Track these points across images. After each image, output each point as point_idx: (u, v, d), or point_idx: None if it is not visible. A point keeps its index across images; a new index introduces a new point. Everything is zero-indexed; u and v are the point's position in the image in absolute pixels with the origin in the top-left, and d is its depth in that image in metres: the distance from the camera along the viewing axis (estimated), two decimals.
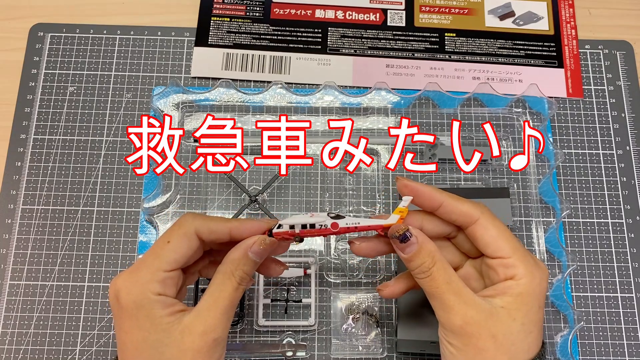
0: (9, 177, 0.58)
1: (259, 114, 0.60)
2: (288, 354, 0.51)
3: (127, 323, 0.39)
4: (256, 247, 0.41)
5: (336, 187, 0.57)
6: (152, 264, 0.40)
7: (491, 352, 0.39)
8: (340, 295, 0.54)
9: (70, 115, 0.60)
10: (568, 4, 0.66)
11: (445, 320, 0.40)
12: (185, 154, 0.58)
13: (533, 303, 0.40)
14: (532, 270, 0.41)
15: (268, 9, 0.65)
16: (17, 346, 0.53)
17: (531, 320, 0.40)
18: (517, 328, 0.40)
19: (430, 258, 0.41)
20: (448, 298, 0.40)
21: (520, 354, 0.40)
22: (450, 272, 0.41)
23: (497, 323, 0.39)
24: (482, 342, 0.39)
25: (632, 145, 0.60)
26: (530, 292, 0.40)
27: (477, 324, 0.39)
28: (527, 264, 0.41)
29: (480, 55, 0.63)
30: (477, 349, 0.39)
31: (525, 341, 0.40)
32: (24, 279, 0.55)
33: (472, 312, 0.39)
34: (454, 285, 0.40)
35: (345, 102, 0.60)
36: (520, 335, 0.40)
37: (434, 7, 0.66)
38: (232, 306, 0.41)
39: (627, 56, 0.64)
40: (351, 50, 0.63)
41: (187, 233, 0.41)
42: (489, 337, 0.39)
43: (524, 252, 0.42)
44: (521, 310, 0.40)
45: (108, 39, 0.63)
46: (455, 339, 0.40)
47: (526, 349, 0.40)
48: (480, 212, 0.42)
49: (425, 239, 0.41)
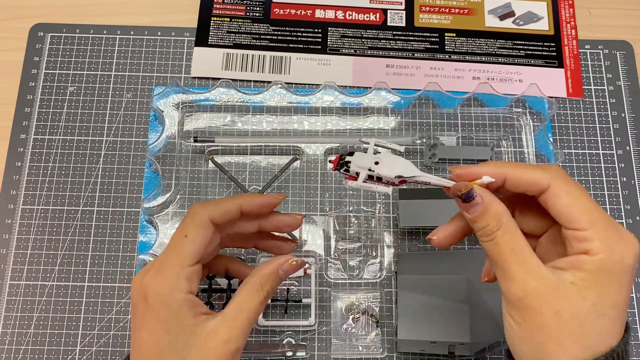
0: (9, 177, 0.58)
1: (259, 114, 0.60)
2: (288, 354, 0.51)
3: (152, 323, 0.39)
4: (287, 266, 0.43)
5: (336, 187, 0.57)
6: (176, 261, 0.40)
7: (554, 331, 0.35)
8: (340, 295, 0.54)
9: (70, 115, 0.60)
10: (568, 4, 0.66)
11: (506, 290, 0.37)
12: (185, 154, 0.58)
13: (611, 282, 0.36)
14: (612, 245, 0.36)
15: (268, 9, 0.65)
16: (17, 346, 0.53)
17: (606, 301, 0.35)
18: (587, 309, 0.35)
19: (496, 221, 0.37)
20: (510, 266, 0.36)
21: (591, 339, 0.35)
22: (518, 238, 0.37)
23: (562, 299, 0.35)
24: (543, 318, 0.35)
25: (632, 145, 0.60)
26: (607, 269, 0.36)
27: (538, 297, 0.35)
28: (607, 238, 0.36)
29: (480, 55, 0.63)
30: (538, 325, 0.36)
31: (596, 324, 0.35)
32: (24, 279, 0.55)
33: (535, 284, 0.36)
34: (518, 252, 0.37)
35: (345, 102, 0.60)
36: (590, 317, 0.35)
37: (434, 7, 0.66)
38: (255, 318, 0.41)
39: (627, 56, 0.64)
40: (351, 50, 0.63)
41: (202, 222, 0.42)
42: (551, 313, 0.35)
43: (606, 224, 0.36)
44: (594, 289, 0.35)
45: (108, 39, 0.63)
46: (515, 311, 0.37)
47: (598, 333, 0.35)
48: (550, 179, 0.37)
49: (492, 199, 0.38)
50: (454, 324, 0.49)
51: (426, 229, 0.56)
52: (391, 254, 0.55)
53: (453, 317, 0.49)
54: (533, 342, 0.36)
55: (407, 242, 0.56)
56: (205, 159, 0.58)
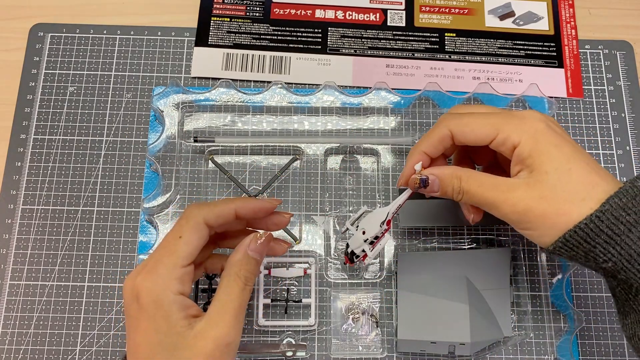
0: (9, 177, 0.58)
1: (259, 114, 0.60)
2: (288, 354, 0.51)
3: (144, 324, 0.39)
4: (253, 244, 0.42)
5: (336, 187, 0.57)
6: (169, 262, 0.40)
7: (553, 212, 0.40)
8: (340, 295, 0.54)
9: (70, 115, 0.60)
10: (568, 4, 0.66)
11: (502, 216, 0.42)
12: (185, 154, 0.58)
13: (548, 148, 0.41)
14: (520, 127, 0.42)
15: (268, 9, 0.65)
16: (17, 346, 0.53)
17: (559, 160, 0.40)
18: (555, 176, 0.40)
19: (455, 179, 0.44)
20: (488, 197, 0.42)
21: (582, 191, 0.39)
22: (478, 176, 0.43)
23: (536, 187, 0.40)
24: (539, 211, 0.40)
25: (632, 145, 0.60)
26: (534, 143, 0.41)
27: (523, 201, 0.40)
28: (513, 125, 0.42)
29: (480, 55, 0.63)
30: (541, 218, 0.40)
31: (571, 178, 0.40)
32: (24, 279, 0.55)
33: (513, 195, 0.41)
34: (486, 184, 0.42)
35: (345, 102, 0.60)
36: (563, 178, 0.40)
37: (434, 7, 0.66)
38: (242, 308, 0.41)
39: (627, 56, 0.64)
40: (351, 50, 0.63)
41: (196, 224, 0.42)
42: (540, 202, 0.40)
43: (505, 118, 0.43)
44: (543, 162, 0.41)
45: (108, 39, 0.63)
46: (520, 224, 0.41)
47: (585, 182, 0.40)
48: (448, 127, 0.45)
49: (440, 170, 0.45)
50: (454, 324, 0.49)
51: (426, 229, 0.56)
52: (391, 254, 0.55)
53: (453, 317, 0.49)
54: (545, 226, 0.40)
55: (407, 242, 0.56)
56: (205, 159, 0.58)
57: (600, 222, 0.38)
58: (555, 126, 0.43)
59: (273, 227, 0.48)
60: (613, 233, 0.39)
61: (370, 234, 0.49)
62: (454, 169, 0.44)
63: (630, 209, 0.38)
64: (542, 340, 0.53)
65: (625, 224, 0.38)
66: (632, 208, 0.38)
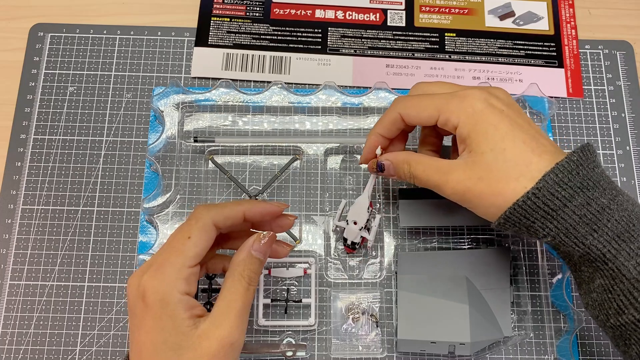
0: (9, 177, 0.58)
1: (259, 114, 0.60)
2: (288, 354, 0.51)
3: (149, 323, 0.39)
4: (257, 244, 0.42)
5: (336, 187, 0.57)
6: (177, 261, 0.40)
7: (489, 192, 0.41)
8: (340, 295, 0.54)
9: (70, 115, 0.60)
10: (568, 4, 0.66)
11: (446, 196, 0.44)
12: (185, 154, 0.58)
13: (485, 128, 0.42)
14: (459, 107, 0.43)
15: (268, 9, 0.65)
16: (17, 346, 0.53)
17: (495, 140, 0.41)
18: (491, 156, 0.41)
19: (405, 164, 0.46)
20: (432, 180, 0.44)
21: (515, 171, 0.41)
22: (423, 161, 0.45)
23: (474, 168, 0.42)
24: (477, 192, 0.42)
25: (632, 145, 0.60)
26: (473, 123, 0.42)
27: (462, 183, 0.42)
28: (452, 106, 0.43)
29: (480, 55, 0.63)
30: (479, 198, 0.42)
31: (505, 158, 0.41)
32: (24, 279, 0.55)
33: (453, 177, 0.43)
34: (430, 168, 0.45)
35: (345, 102, 0.60)
36: (498, 158, 0.41)
37: (434, 7, 0.66)
38: (246, 308, 0.41)
39: (627, 56, 0.64)
40: (351, 50, 0.63)
41: (205, 225, 0.42)
42: (477, 183, 0.42)
43: (446, 99, 0.44)
44: (480, 142, 0.42)
45: (108, 39, 0.63)
46: (463, 203, 0.43)
47: (519, 161, 0.41)
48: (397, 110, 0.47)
49: (394, 156, 0.48)
50: (454, 324, 0.49)
51: (426, 229, 0.56)
52: (391, 254, 0.55)
53: (453, 317, 0.49)
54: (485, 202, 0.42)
55: (407, 242, 0.56)
56: (205, 159, 0.58)
57: (536, 198, 0.40)
58: (498, 102, 0.43)
59: (277, 229, 0.48)
60: (549, 209, 0.40)
61: (362, 222, 0.52)
62: (406, 155, 0.47)
63: (565, 183, 0.40)
64: (542, 340, 0.53)
65: (561, 199, 0.40)
66: (568, 183, 0.40)
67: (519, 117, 0.43)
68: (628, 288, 0.39)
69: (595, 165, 0.41)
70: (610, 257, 0.40)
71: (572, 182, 0.40)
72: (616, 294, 0.40)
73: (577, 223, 0.40)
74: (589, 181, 0.40)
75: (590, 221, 0.40)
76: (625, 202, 0.41)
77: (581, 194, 0.40)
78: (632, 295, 0.39)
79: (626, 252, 0.39)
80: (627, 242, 0.39)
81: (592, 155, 0.41)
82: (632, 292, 0.39)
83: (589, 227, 0.40)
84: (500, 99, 0.44)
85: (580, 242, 0.40)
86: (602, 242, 0.40)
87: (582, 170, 0.40)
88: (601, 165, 0.42)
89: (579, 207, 0.40)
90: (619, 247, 0.39)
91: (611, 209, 0.40)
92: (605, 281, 0.40)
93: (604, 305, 0.41)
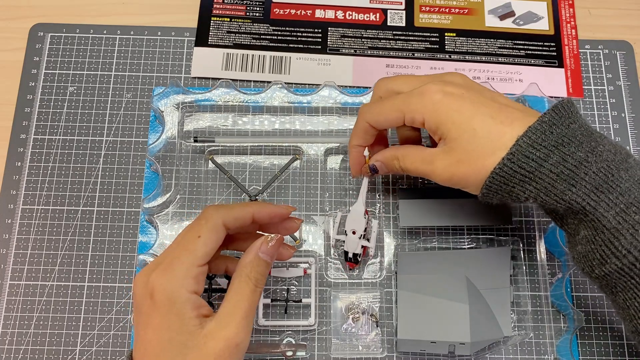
0: (9, 177, 0.58)
1: (259, 114, 0.60)
2: (288, 354, 0.51)
3: (157, 321, 0.39)
4: (264, 246, 0.43)
5: (336, 187, 0.57)
6: (186, 260, 0.41)
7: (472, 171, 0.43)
8: (340, 295, 0.54)
9: (70, 115, 0.60)
10: (568, 4, 0.66)
11: (438, 182, 0.45)
12: (185, 154, 0.58)
13: (449, 116, 0.43)
14: (420, 104, 0.44)
15: (268, 9, 0.65)
16: (17, 346, 0.53)
17: (462, 123, 0.42)
18: (464, 139, 0.42)
19: (395, 160, 0.48)
20: (421, 171, 0.46)
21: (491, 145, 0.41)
22: (410, 153, 0.47)
23: (452, 153, 0.43)
24: (461, 174, 0.43)
25: (632, 145, 0.60)
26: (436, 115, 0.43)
27: (447, 169, 0.44)
28: (414, 105, 0.44)
29: (480, 55, 0.63)
30: (464, 179, 0.43)
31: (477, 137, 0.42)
32: (24, 279, 0.55)
33: (437, 165, 0.44)
34: (417, 160, 0.46)
35: (345, 102, 0.60)
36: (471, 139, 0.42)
37: (434, 7, 0.66)
38: (252, 309, 0.41)
39: (627, 56, 0.64)
40: (351, 50, 0.63)
41: (215, 225, 0.43)
42: (459, 166, 0.43)
43: (407, 99, 0.45)
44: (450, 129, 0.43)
45: (108, 39, 0.63)
46: (453, 186, 0.45)
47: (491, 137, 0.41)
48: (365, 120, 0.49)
49: (382, 155, 0.50)
50: (454, 323, 0.49)
51: (426, 229, 0.56)
52: (391, 254, 0.55)
53: (453, 317, 0.49)
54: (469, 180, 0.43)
55: (407, 242, 0.56)
56: (205, 159, 0.58)
57: (512, 163, 0.41)
58: (455, 88, 0.44)
59: (284, 232, 0.48)
60: (526, 171, 0.41)
61: (361, 229, 0.52)
62: (393, 151, 0.49)
63: (539, 144, 0.40)
64: (542, 340, 0.53)
65: (536, 159, 0.40)
66: (542, 143, 0.40)
67: (481, 95, 0.44)
68: (609, 238, 0.40)
69: (571, 121, 0.41)
70: (590, 209, 0.40)
71: (546, 141, 0.40)
72: (598, 244, 0.40)
73: (554, 181, 0.40)
74: (564, 138, 0.41)
75: (567, 177, 0.40)
76: (605, 151, 0.41)
77: (556, 151, 0.40)
78: (613, 244, 0.39)
79: (605, 203, 0.40)
80: (605, 193, 0.40)
81: (568, 112, 0.42)
82: (613, 242, 0.39)
83: (567, 183, 0.40)
84: (457, 84, 0.45)
85: (560, 199, 0.41)
86: (581, 195, 0.40)
87: (556, 128, 0.41)
88: (579, 118, 0.42)
89: (555, 165, 0.40)
90: (598, 199, 0.40)
91: (589, 161, 0.40)
92: (588, 232, 0.41)
93: (588, 257, 0.41)
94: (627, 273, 0.40)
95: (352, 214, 0.53)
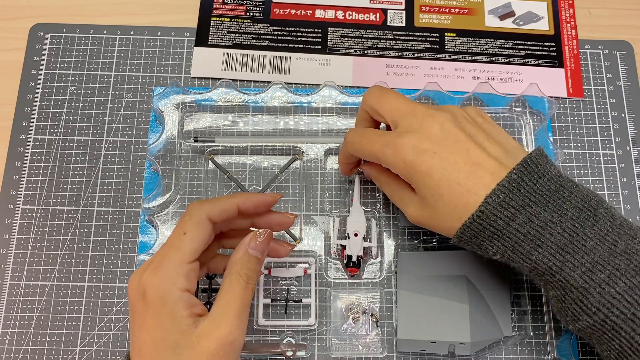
0: (9, 177, 0.58)
1: (259, 114, 0.60)
2: (288, 354, 0.51)
3: (150, 321, 0.39)
4: (253, 242, 0.43)
5: (336, 187, 0.57)
6: (175, 258, 0.41)
7: (439, 227, 0.44)
8: (340, 295, 0.54)
9: (70, 115, 0.60)
10: (568, 4, 0.66)
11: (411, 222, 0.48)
12: (185, 154, 0.58)
13: (420, 177, 0.43)
14: (393, 159, 0.44)
15: (268, 9, 0.65)
16: (17, 346, 0.53)
17: (431, 187, 0.43)
18: (432, 201, 0.43)
19: (377, 181, 0.51)
20: (397, 205, 0.49)
21: (456, 212, 0.42)
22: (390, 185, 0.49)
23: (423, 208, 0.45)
24: (430, 225, 0.45)
25: (632, 145, 0.60)
26: (408, 174, 0.44)
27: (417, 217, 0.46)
28: (387, 157, 0.45)
29: (480, 55, 0.63)
30: (435, 228, 0.45)
31: (444, 203, 0.43)
32: (24, 279, 0.55)
33: (410, 210, 0.46)
34: (395, 195, 0.49)
35: (345, 102, 0.60)
36: (438, 203, 0.43)
37: (434, 7, 0.66)
38: (245, 307, 0.41)
39: (627, 56, 0.64)
40: (351, 50, 0.63)
41: (200, 220, 0.42)
42: (429, 220, 0.45)
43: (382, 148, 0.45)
44: (420, 189, 0.44)
45: (108, 39, 0.63)
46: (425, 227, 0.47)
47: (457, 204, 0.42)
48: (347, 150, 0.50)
49: (366, 172, 0.53)
50: (454, 323, 0.49)
51: (426, 229, 0.56)
52: (391, 254, 0.55)
53: (453, 317, 0.49)
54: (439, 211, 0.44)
55: (407, 242, 0.56)
56: (205, 159, 0.58)
57: (481, 220, 0.42)
58: (429, 143, 0.43)
59: (277, 228, 0.48)
60: (494, 229, 0.41)
61: (363, 230, 0.53)
62: (376, 174, 0.51)
63: (507, 203, 0.41)
64: (542, 340, 0.53)
65: (504, 219, 0.41)
66: (510, 202, 0.41)
67: (453, 150, 0.43)
68: (578, 297, 0.41)
69: (540, 175, 0.42)
70: (556, 269, 0.41)
71: (514, 201, 0.41)
72: (568, 302, 0.41)
73: (522, 240, 0.41)
74: (532, 196, 0.41)
75: (534, 237, 0.41)
76: (571, 209, 0.41)
77: (523, 212, 0.41)
78: (583, 302, 0.40)
79: (571, 263, 0.41)
80: (571, 254, 0.41)
81: (537, 165, 0.42)
82: (582, 300, 0.40)
83: (533, 243, 0.41)
84: (432, 138, 0.44)
85: (527, 258, 0.42)
86: (546, 256, 0.41)
87: (525, 185, 0.41)
88: (549, 170, 0.43)
89: (522, 225, 0.41)
90: (564, 259, 0.41)
91: (554, 222, 0.41)
92: (556, 292, 0.42)
93: (562, 313, 0.43)
94: (599, 329, 0.41)
95: (352, 216, 0.53)
